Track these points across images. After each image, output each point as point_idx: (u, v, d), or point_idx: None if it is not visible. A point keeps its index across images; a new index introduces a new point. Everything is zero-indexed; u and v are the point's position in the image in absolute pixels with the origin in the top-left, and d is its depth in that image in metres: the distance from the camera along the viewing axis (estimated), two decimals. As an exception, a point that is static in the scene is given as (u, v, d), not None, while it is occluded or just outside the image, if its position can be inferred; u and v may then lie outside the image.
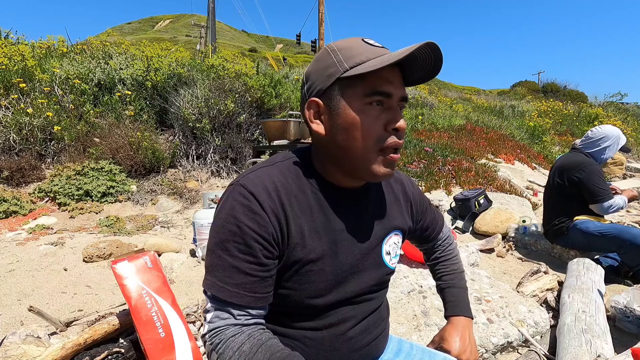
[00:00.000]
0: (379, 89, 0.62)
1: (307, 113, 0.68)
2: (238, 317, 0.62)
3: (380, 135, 0.64)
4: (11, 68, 4.64)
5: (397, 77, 0.64)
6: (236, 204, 0.62)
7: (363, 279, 0.73)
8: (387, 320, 0.85)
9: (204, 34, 15.53)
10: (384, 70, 0.61)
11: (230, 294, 0.61)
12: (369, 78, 0.62)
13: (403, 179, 0.87)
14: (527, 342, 1.57)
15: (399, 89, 0.64)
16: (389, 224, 0.78)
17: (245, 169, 4.09)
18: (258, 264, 0.62)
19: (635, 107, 17.90)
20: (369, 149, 0.64)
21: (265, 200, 0.62)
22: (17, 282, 2.16)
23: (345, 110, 0.64)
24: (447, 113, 9.32)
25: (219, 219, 0.64)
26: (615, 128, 2.47)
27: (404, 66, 0.65)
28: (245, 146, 5.18)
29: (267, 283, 0.64)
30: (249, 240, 0.61)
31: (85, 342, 1.38)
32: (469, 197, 3.51)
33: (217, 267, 0.62)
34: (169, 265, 2.41)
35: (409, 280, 1.98)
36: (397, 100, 0.64)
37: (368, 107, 0.63)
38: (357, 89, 0.63)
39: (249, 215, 0.61)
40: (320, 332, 0.71)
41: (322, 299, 0.69)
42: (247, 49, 48.90)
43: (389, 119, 0.64)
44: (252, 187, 0.63)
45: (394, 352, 0.86)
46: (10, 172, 3.91)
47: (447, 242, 0.99)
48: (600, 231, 2.31)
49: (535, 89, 24.86)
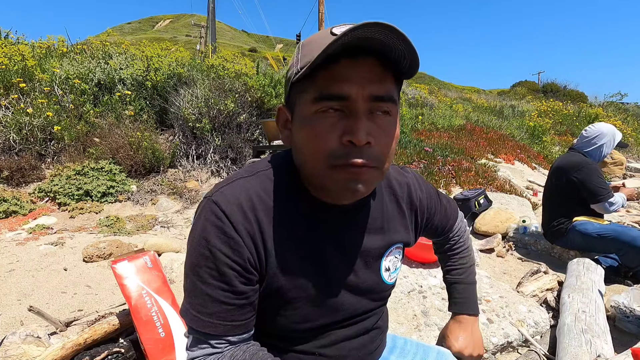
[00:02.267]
0: (326, 92, 0.50)
1: (277, 123, 0.61)
2: (217, 346, 0.57)
3: (332, 150, 0.51)
4: (11, 68, 4.63)
5: (363, 72, 0.51)
6: (208, 224, 0.55)
7: (358, 300, 0.67)
8: (386, 330, 0.82)
9: (204, 34, 15.52)
10: (339, 65, 0.50)
11: (203, 324, 0.55)
12: (318, 77, 0.51)
13: (410, 181, 0.75)
14: (527, 342, 1.57)
15: (364, 86, 0.50)
16: (390, 239, 0.69)
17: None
18: (233, 292, 0.55)
19: (635, 107, 17.90)
20: (319, 165, 0.53)
21: (240, 222, 0.55)
22: (17, 282, 2.16)
23: (297, 121, 0.55)
24: (447, 113, 9.32)
25: (192, 239, 0.57)
26: (609, 125, 2.47)
27: (384, 56, 0.51)
28: (245, 146, 5.18)
29: (245, 310, 0.57)
30: (221, 267, 0.54)
31: (85, 342, 1.38)
32: (469, 197, 3.50)
33: (190, 294, 0.57)
34: (169, 265, 2.41)
35: (409, 280, 1.98)
36: (365, 102, 0.51)
37: (320, 115, 0.52)
38: (308, 93, 0.52)
39: (222, 239, 0.54)
40: (314, 356, 0.66)
41: (312, 323, 0.64)
42: (247, 49, 48.91)
43: (345, 129, 0.51)
44: (225, 205, 0.55)
45: (389, 349, 0.84)
46: (10, 172, 3.91)
47: (459, 235, 0.90)
48: (599, 233, 2.31)
49: (535, 89, 24.87)
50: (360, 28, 0.46)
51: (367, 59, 0.51)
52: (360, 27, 0.46)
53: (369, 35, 0.47)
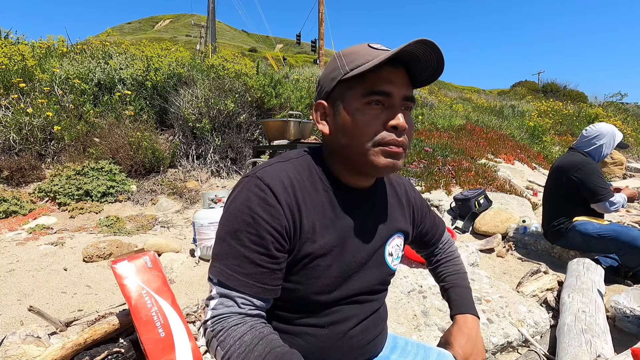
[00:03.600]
0: (376, 89, 0.64)
1: (314, 115, 0.72)
2: (242, 306, 0.63)
3: (378, 133, 0.65)
4: (11, 68, 4.64)
5: (399, 77, 0.65)
6: (252, 195, 0.63)
7: (366, 278, 0.75)
8: (386, 322, 0.86)
9: (204, 34, 15.53)
10: (384, 70, 0.63)
11: (239, 283, 0.62)
12: (368, 79, 0.64)
13: (405, 183, 0.89)
14: (527, 342, 1.57)
15: (400, 89, 0.65)
16: (393, 225, 0.80)
17: (245, 169, 4.09)
18: (269, 255, 0.63)
19: (635, 107, 17.90)
20: (365, 144, 0.65)
21: (281, 194, 0.64)
22: (17, 282, 2.16)
23: (346, 110, 0.66)
24: (447, 113, 9.31)
25: (233, 208, 0.64)
26: (609, 125, 2.47)
27: (409, 67, 0.66)
28: (245, 146, 5.18)
29: (276, 276, 0.65)
30: (262, 232, 0.62)
31: (85, 342, 1.38)
32: (469, 197, 3.50)
33: (227, 256, 0.63)
34: (169, 265, 2.41)
35: (409, 280, 1.98)
36: (400, 100, 0.65)
37: (366, 107, 0.65)
38: (357, 89, 0.65)
39: (264, 207, 0.62)
40: (322, 330, 0.72)
41: (326, 296, 0.70)
42: (247, 49, 48.91)
43: (388, 118, 0.65)
44: (269, 179, 0.64)
45: (390, 349, 0.86)
46: (10, 172, 3.91)
47: (448, 245, 0.99)
48: (599, 233, 2.31)
49: (535, 89, 24.87)
50: (415, 44, 0.60)
51: (401, 69, 0.66)
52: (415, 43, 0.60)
53: (413, 50, 0.62)
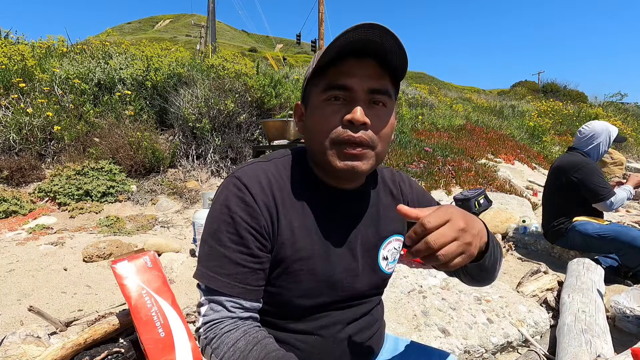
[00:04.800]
0: (334, 83, 0.61)
1: (295, 117, 0.72)
2: (232, 310, 0.62)
3: (334, 130, 0.61)
4: (11, 68, 4.63)
5: (363, 69, 0.61)
6: (230, 194, 0.63)
7: (356, 284, 0.72)
8: (382, 321, 0.84)
9: (204, 34, 15.54)
10: (346, 63, 0.60)
11: (221, 284, 0.61)
12: (329, 73, 0.62)
13: (403, 181, 0.83)
14: (527, 342, 1.57)
15: (364, 81, 0.60)
16: (388, 228, 0.76)
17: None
18: (250, 254, 0.62)
19: (635, 107, 17.89)
20: (323, 143, 0.63)
21: (258, 193, 0.63)
22: (17, 282, 2.16)
23: (310, 109, 0.66)
24: (447, 113, 9.32)
25: (213, 210, 0.64)
26: (602, 122, 2.48)
27: (381, 57, 0.60)
28: (245, 146, 5.18)
29: (258, 276, 0.64)
30: (241, 231, 0.61)
31: (85, 342, 1.38)
32: (469, 197, 3.50)
33: (208, 257, 0.62)
34: (169, 265, 2.41)
35: (409, 280, 1.98)
36: (364, 94, 0.61)
37: (325, 103, 0.62)
38: (319, 86, 0.64)
39: (242, 207, 0.62)
40: (312, 336, 0.70)
41: (311, 300, 0.68)
42: (247, 49, 48.91)
43: (345, 112, 0.61)
44: (246, 179, 0.64)
45: (390, 352, 0.84)
46: (10, 172, 3.91)
47: None
48: (599, 233, 2.31)
49: (535, 89, 24.86)
50: (359, 28, 0.56)
51: (369, 60, 0.61)
52: (358, 27, 0.56)
53: (367, 37, 0.57)
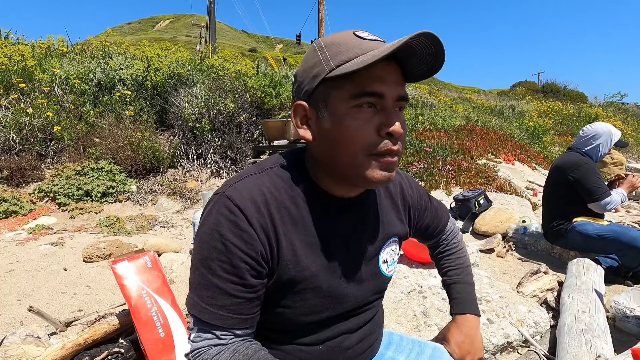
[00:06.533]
0: (368, 89, 0.55)
1: (294, 119, 0.61)
2: (222, 337, 0.59)
3: (371, 141, 0.56)
4: (11, 68, 4.63)
5: (392, 74, 0.57)
6: (222, 218, 0.56)
7: (360, 292, 0.70)
8: (382, 325, 0.84)
9: (204, 34, 15.54)
10: (376, 67, 0.54)
11: (213, 316, 0.57)
12: (358, 77, 0.55)
13: (402, 181, 0.81)
14: (527, 342, 1.57)
15: (394, 88, 0.56)
16: (387, 232, 0.74)
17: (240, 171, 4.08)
18: (244, 285, 0.57)
19: (635, 107, 17.90)
20: (358, 155, 0.56)
21: (254, 215, 0.57)
22: (17, 282, 2.16)
23: (332, 114, 0.57)
24: (447, 113, 9.32)
25: (202, 233, 0.58)
26: (606, 124, 2.47)
27: (402, 61, 0.57)
28: (245, 146, 5.18)
29: (253, 304, 0.59)
30: (234, 260, 0.56)
31: (85, 342, 1.38)
32: (469, 197, 3.50)
33: (200, 287, 0.58)
34: (169, 265, 2.41)
35: (409, 280, 1.97)
36: (393, 101, 0.57)
37: (356, 110, 0.56)
38: (344, 90, 0.56)
39: (236, 232, 0.56)
40: (317, 347, 0.68)
41: (317, 316, 0.65)
42: (247, 49, 48.92)
43: (381, 122, 0.56)
44: (239, 199, 0.57)
45: (385, 345, 0.85)
46: (10, 172, 3.91)
47: (452, 236, 0.94)
48: (599, 233, 2.31)
49: (535, 89, 24.86)
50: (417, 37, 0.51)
51: (394, 63, 0.57)
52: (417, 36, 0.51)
53: (412, 44, 0.53)
